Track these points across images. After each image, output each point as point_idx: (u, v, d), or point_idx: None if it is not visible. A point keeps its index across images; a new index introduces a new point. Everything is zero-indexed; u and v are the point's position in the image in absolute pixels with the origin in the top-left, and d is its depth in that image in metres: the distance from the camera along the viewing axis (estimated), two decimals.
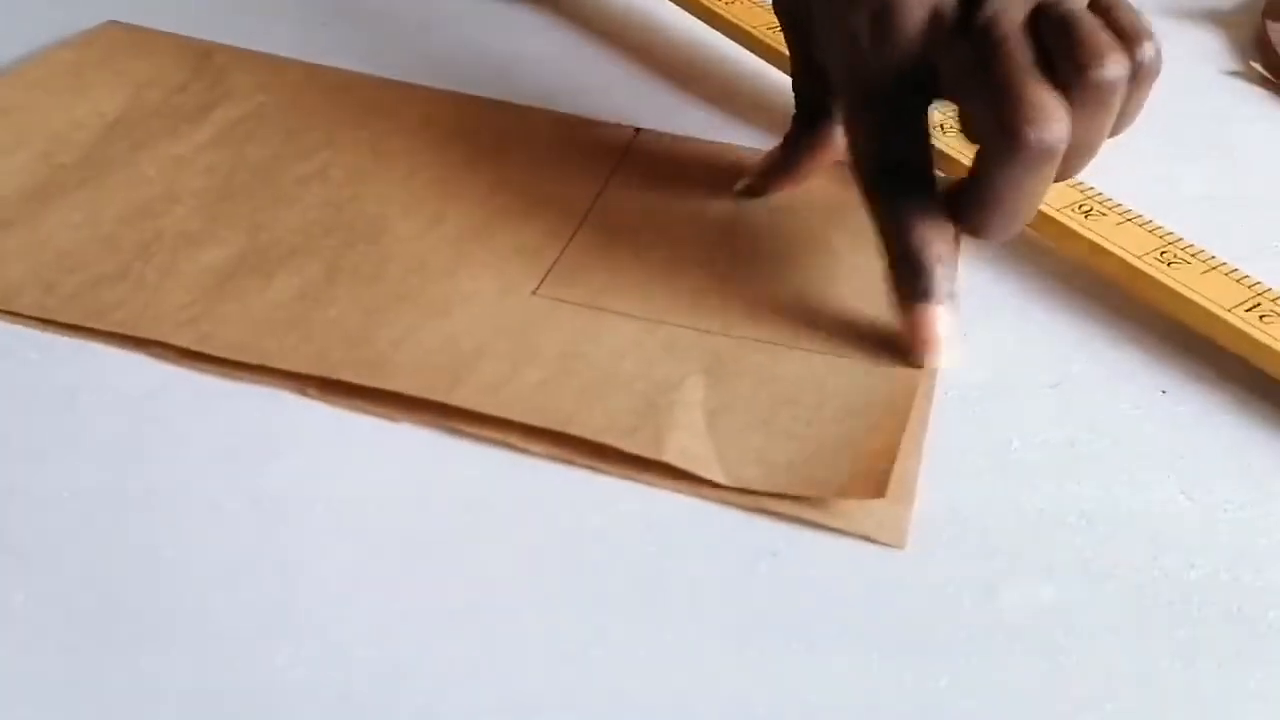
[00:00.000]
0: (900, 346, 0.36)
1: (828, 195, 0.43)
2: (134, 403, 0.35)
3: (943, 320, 0.36)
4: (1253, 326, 0.36)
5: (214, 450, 0.33)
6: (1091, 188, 0.42)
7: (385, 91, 0.49)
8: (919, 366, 0.36)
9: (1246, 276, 0.38)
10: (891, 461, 0.32)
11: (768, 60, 0.50)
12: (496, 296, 0.38)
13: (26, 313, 0.37)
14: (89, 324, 0.36)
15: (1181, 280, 0.38)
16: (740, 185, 0.43)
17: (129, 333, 0.36)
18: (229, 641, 0.28)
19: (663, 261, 0.40)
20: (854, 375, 0.36)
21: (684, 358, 0.36)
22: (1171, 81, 0.51)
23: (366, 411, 0.34)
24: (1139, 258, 0.39)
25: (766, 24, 0.50)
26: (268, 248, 0.40)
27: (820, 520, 0.32)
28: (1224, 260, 0.39)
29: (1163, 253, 0.39)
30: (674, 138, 0.46)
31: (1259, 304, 0.37)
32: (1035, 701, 0.28)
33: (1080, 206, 0.41)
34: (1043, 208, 0.39)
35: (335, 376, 0.35)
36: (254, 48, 0.51)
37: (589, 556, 0.31)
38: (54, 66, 0.49)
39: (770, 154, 0.44)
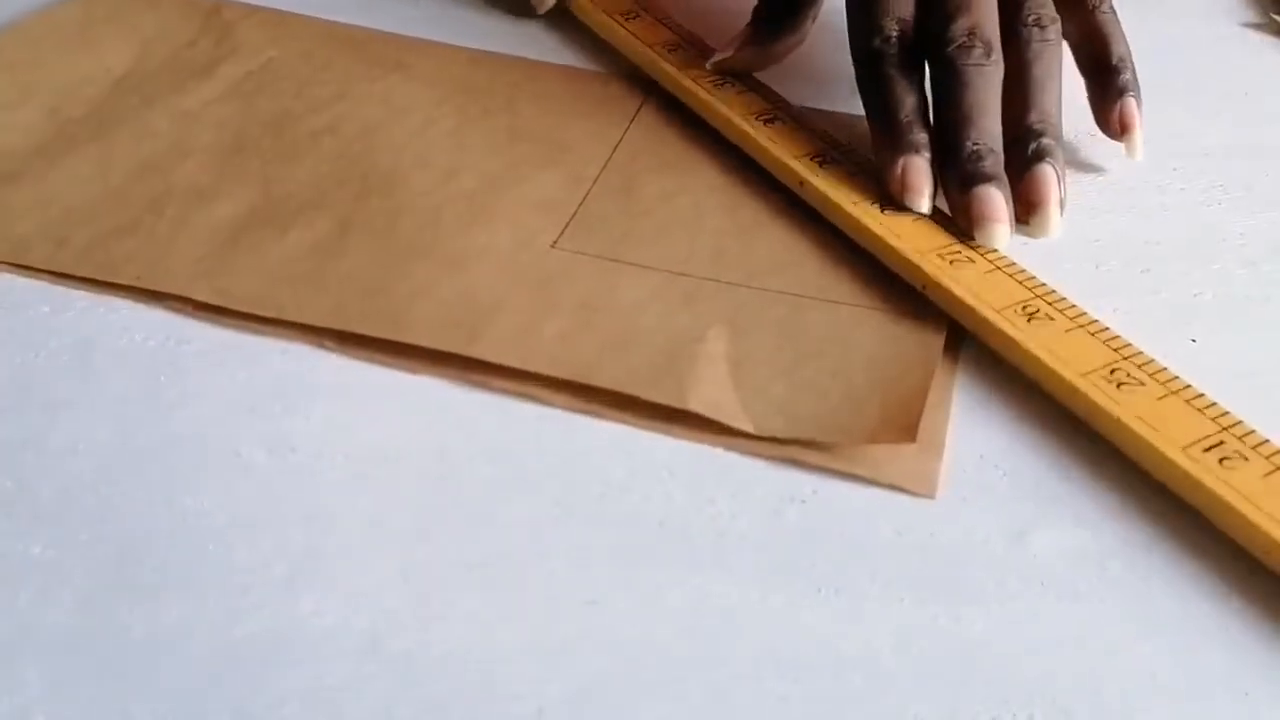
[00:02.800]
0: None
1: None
2: (148, 355, 0.34)
3: (923, 172, 0.38)
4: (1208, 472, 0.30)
5: (231, 402, 0.33)
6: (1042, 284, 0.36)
7: (396, 47, 0.48)
8: (907, 207, 0.38)
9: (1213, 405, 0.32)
10: (920, 408, 0.32)
11: None
12: (514, 249, 0.37)
13: (38, 266, 0.36)
14: (102, 277, 0.36)
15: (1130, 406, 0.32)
16: (714, 62, 0.45)
17: (143, 286, 0.36)
18: (254, 589, 0.28)
19: (683, 212, 0.39)
20: (879, 326, 0.35)
21: (706, 309, 0.35)
22: (1192, 35, 0.51)
23: (386, 364, 0.34)
24: (1084, 376, 0.32)
25: None
26: (280, 201, 0.39)
27: (849, 469, 0.31)
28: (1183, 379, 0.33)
29: (1113, 370, 0.33)
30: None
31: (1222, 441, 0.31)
32: (1071, 645, 0.27)
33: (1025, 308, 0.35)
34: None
35: (352, 329, 0.34)
36: (261, 4, 0.50)
37: (614, 506, 0.30)
38: (60, 22, 0.48)
39: (742, 33, 0.45)
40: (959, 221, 0.38)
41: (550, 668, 0.27)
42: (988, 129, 0.38)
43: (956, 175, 0.38)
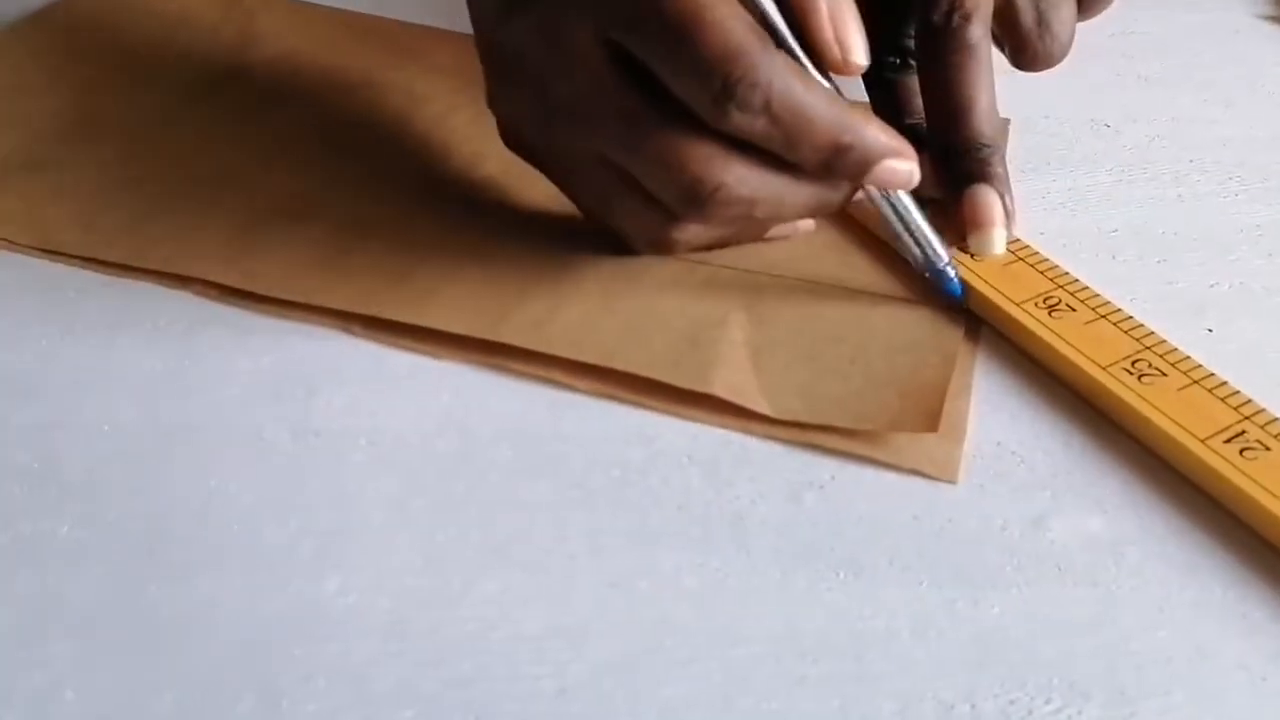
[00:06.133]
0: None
1: None
2: (174, 339, 0.35)
3: None
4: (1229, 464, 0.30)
5: (256, 385, 0.33)
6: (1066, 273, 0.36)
7: (416, 36, 0.48)
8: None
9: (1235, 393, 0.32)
10: (943, 396, 0.32)
11: None
12: (535, 237, 0.38)
13: (67, 251, 0.37)
14: (130, 262, 0.36)
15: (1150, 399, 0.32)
16: None
17: (171, 270, 0.36)
18: (280, 568, 0.28)
19: None
20: (898, 314, 0.35)
21: (725, 296, 0.36)
22: (1208, 26, 0.51)
23: (409, 348, 0.34)
24: (1105, 369, 0.33)
25: None
26: (305, 189, 0.39)
27: (872, 454, 0.31)
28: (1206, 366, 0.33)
29: (1135, 361, 0.33)
30: None
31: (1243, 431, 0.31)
32: (1088, 630, 0.28)
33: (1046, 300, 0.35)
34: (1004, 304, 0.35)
35: (378, 314, 0.35)
36: None
37: (634, 489, 0.31)
38: (85, 9, 0.48)
39: None
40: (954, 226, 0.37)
41: (571, 648, 0.27)
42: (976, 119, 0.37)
43: (950, 175, 0.37)
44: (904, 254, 0.36)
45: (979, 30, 0.37)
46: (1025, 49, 0.38)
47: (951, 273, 0.35)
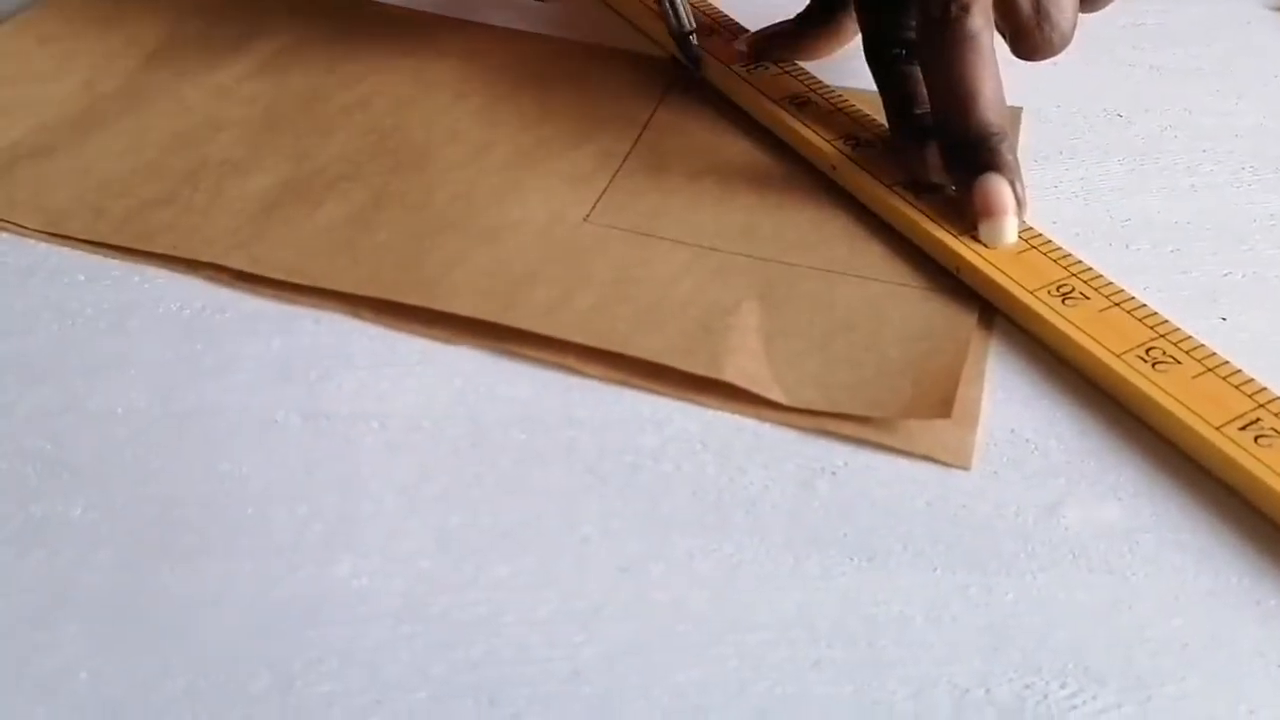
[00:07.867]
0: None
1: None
2: (184, 324, 0.34)
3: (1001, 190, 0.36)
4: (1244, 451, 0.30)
5: (266, 370, 0.33)
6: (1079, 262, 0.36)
7: (424, 24, 0.48)
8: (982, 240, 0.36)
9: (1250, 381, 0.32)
10: (955, 383, 0.32)
11: None
12: (546, 223, 0.38)
13: (76, 236, 0.37)
14: (139, 247, 0.36)
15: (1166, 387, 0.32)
16: (741, 43, 0.44)
17: (179, 255, 0.36)
18: (291, 552, 0.28)
19: (713, 189, 0.39)
20: (910, 302, 0.35)
21: (737, 283, 0.36)
22: (1216, 16, 0.51)
23: (420, 333, 0.34)
24: (1119, 356, 0.33)
25: None
26: (313, 175, 0.39)
27: (884, 441, 0.31)
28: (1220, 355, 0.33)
29: (1149, 348, 0.33)
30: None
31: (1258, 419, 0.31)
32: (1103, 616, 0.28)
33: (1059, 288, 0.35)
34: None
35: (387, 297, 0.34)
36: None
37: (646, 474, 0.31)
38: None
39: (780, 23, 0.44)
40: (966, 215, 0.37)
41: (584, 631, 0.27)
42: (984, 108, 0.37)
43: (959, 165, 0.37)
44: (665, 19, 0.43)
45: (978, 21, 0.37)
46: (1024, 38, 0.38)
47: (693, 40, 0.43)
